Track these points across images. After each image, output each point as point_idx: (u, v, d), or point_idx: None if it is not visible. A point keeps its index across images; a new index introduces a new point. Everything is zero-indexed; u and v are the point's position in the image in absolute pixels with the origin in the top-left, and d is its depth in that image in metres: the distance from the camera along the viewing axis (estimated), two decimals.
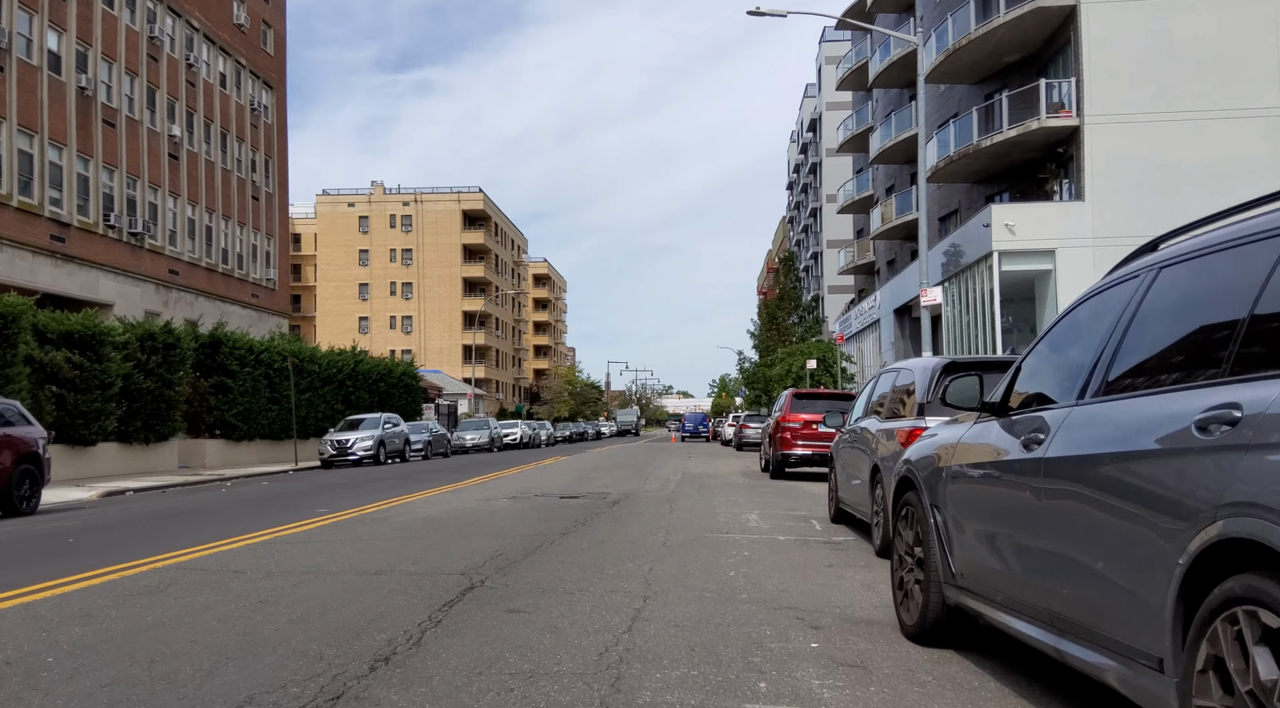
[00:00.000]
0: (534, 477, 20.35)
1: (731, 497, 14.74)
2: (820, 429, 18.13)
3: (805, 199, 78.05)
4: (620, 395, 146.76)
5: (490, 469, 24.39)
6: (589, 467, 24.74)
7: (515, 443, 53.45)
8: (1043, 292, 28.90)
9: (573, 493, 15.32)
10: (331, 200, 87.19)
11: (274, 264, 49.64)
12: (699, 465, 25.30)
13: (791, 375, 38.32)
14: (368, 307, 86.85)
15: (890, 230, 43.33)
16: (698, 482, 18.36)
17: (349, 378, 40.96)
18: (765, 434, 21.43)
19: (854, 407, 10.89)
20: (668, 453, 36.31)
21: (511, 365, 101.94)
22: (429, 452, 36.17)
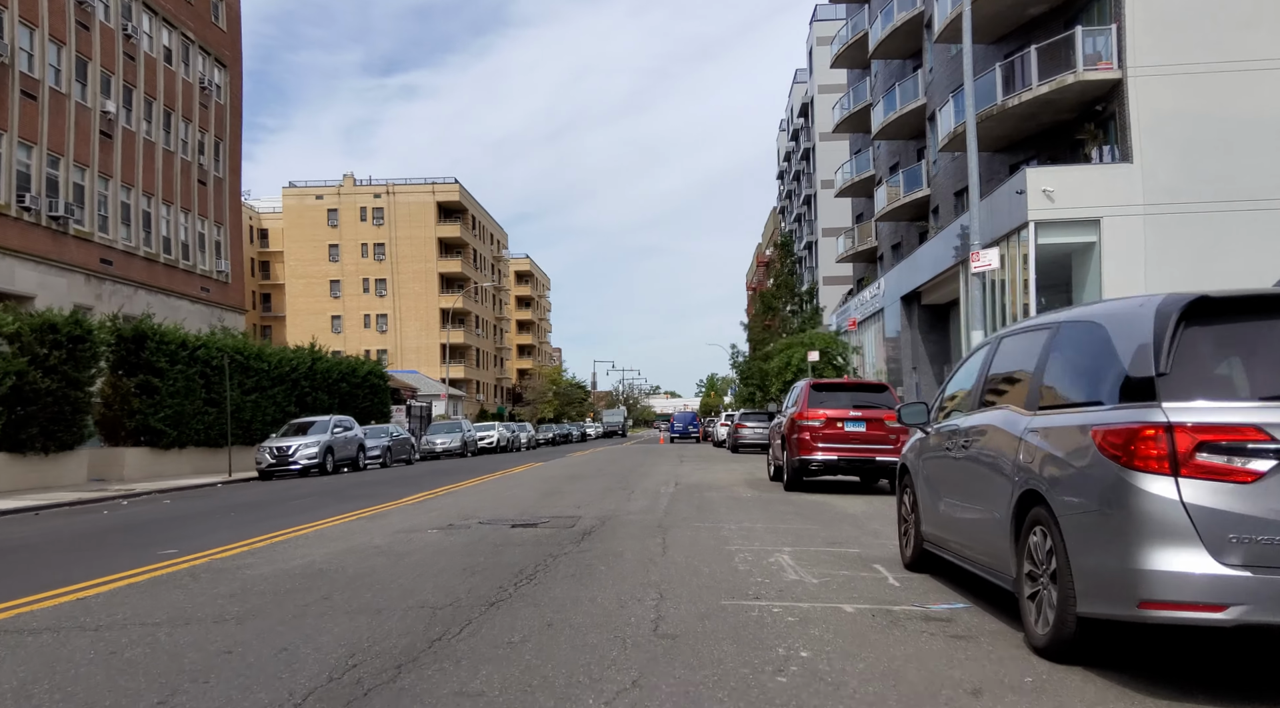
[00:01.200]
0: (493, 491, 16.59)
1: (744, 521, 11.02)
2: (848, 429, 14.48)
3: (797, 187, 74.47)
4: (607, 396, 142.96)
5: (447, 480, 20.61)
6: (564, 475, 21.01)
7: (492, 447, 49.64)
8: (1082, 270, 25.32)
9: (531, 518, 11.56)
10: (299, 193, 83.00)
11: (226, 255, 45.63)
12: (694, 472, 21.62)
13: (791, 369, 34.72)
14: (340, 304, 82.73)
15: (896, 210, 39.75)
16: (696, 496, 14.66)
17: (305, 378, 37.04)
18: (776, 435, 17.73)
19: (941, 393, 7.19)
20: (656, 456, 32.62)
21: (493, 365, 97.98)
22: (388, 459, 32.35)
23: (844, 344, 35.84)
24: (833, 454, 14.89)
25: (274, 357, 34.55)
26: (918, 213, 39.08)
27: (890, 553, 8.26)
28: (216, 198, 45.07)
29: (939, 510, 6.58)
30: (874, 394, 15.53)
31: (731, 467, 24.41)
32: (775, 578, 7.02)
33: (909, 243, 40.95)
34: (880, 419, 14.91)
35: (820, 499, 14.05)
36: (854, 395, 15.47)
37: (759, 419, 36.31)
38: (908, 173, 39.00)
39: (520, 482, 19.05)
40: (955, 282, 32.36)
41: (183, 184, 41.90)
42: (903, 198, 38.55)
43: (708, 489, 16.15)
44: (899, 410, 7.19)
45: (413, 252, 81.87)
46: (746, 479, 19.09)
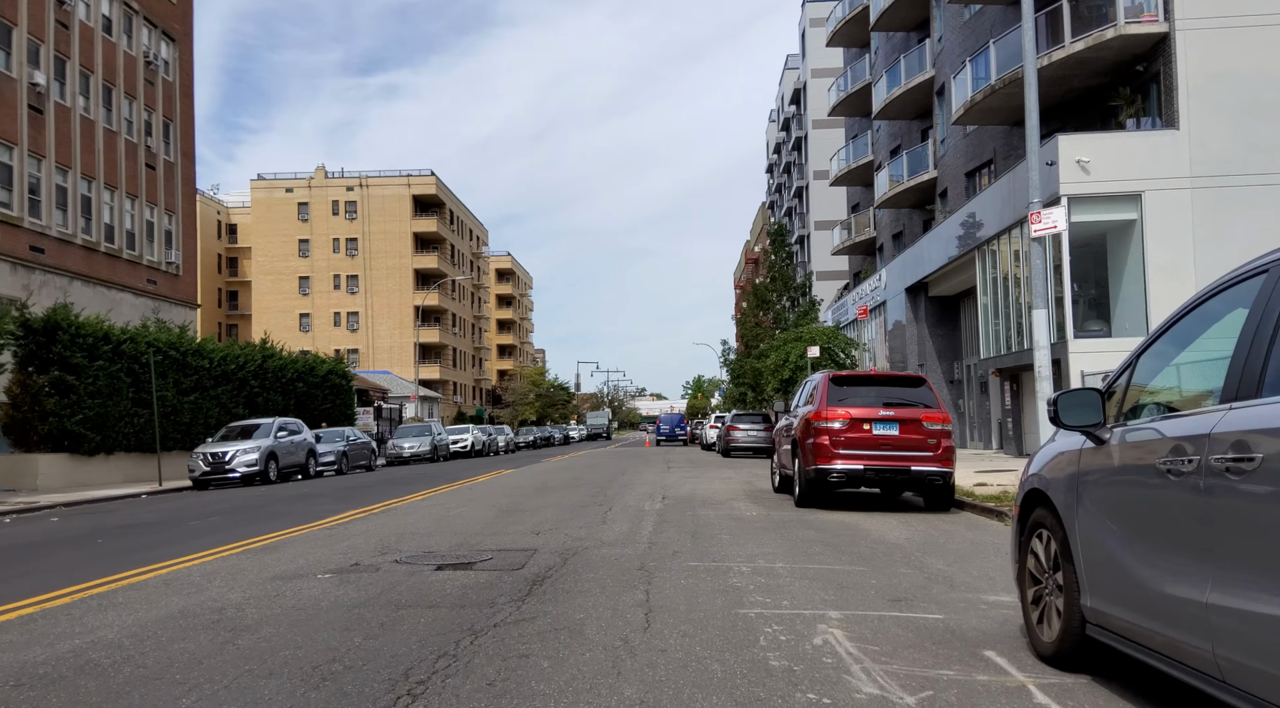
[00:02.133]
0: (442, 508, 13.57)
1: (758, 557, 8.05)
2: (877, 432, 11.59)
3: (788, 180, 71.69)
4: (591, 398, 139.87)
5: (399, 491, 17.58)
6: (534, 486, 18.02)
7: (465, 451, 46.52)
8: (1119, 252, 22.53)
9: (470, 553, 8.56)
10: (268, 186, 79.49)
11: (178, 245, 42.35)
12: (684, 482, 18.65)
13: (789, 366, 31.84)
14: (309, 302, 79.26)
15: (898, 196, 36.94)
16: (688, 515, 11.69)
17: (254, 377, 33.87)
18: (783, 439, 14.78)
19: (1123, 376, 4.21)
20: (641, 462, 29.64)
21: (471, 366, 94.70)
22: (344, 465, 29.22)
23: (846, 339, 32.97)
24: (858, 463, 11.95)
25: (216, 353, 31.38)
26: (922, 198, 36.29)
27: (997, 624, 5.32)
28: (167, 183, 41.81)
29: (1139, 578, 3.63)
30: (908, 389, 12.60)
31: (726, 474, 21.46)
32: (837, 688, 4.06)
33: (912, 231, 38.16)
34: (917, 420, 12.00)
35: (844, 519, 11.11)
36: (884, 390, 12.53)
37: (753, 421, 33.41)
38: (911, 155, 36.19)
39: (479, 495, 16.03)
40: (968, 270, 29.56)
41: (128, 167, 38.66)
42: (906, 182, 35.73)
43: (702, 505, 13.19)
44: (1056, 403, 4.20)
45: (387, 247, 78.58)
46: (746, 491, 16.14)
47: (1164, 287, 21.24)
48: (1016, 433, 26.19)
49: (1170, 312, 4.11)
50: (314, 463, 26.98)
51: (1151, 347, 4.08)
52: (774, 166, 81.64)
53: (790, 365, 31.50)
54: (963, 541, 9.32)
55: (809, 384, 13.89)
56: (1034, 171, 12.90)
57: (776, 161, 79.20)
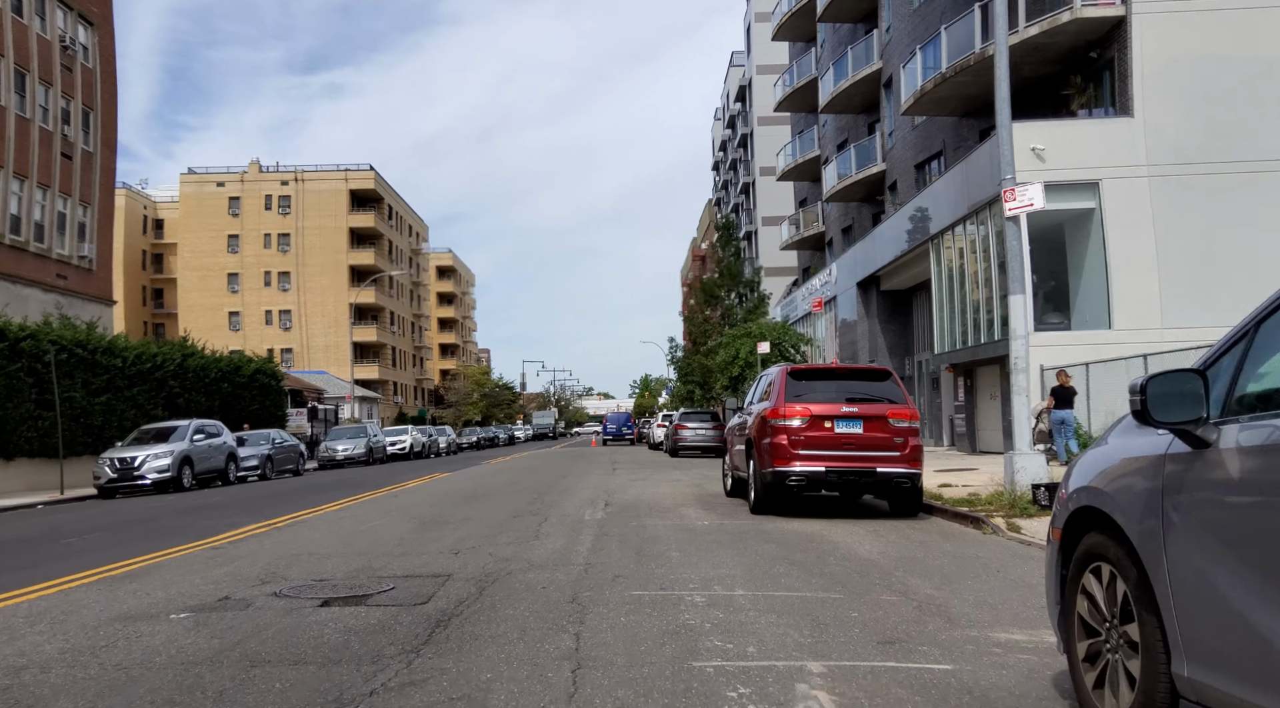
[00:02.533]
0: (353, 520, 12.12)
1: (713, 582, 6.81)
2: (840, 430, 10.51)
3: (734, 177, 70.89)
4: (538, 398, 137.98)
5: (316, 500, 16.06)
6: (466, 492, 16.61)
7: (404, 453, 44.73)
8: (1078, 241, 21.83)
9: (368, 581, 7.19)
10: (198, 179, 76.29)
11: (92, 238, 39.89)
12: (630, 485, 17.40)
13: (739, 363, 30.78)
14: (239, 299, 76.26)
15: (847, 189, 36.13)
16: (633, 526, 10.44)
17: (174, 376, 31.83)
18: (735, 438, 13.61)
19: (1225, 355, 3.03)
20: (586, 462, 28.33)
21: (412, 365, 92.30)
22: (269, 470, 27.39)
23: (797, 334, 32.01)
24: (819, 464, 10.81)
25: (131, 351, 29.32)
26: (871, 191, 35.53)
27: (1021, 677, 4.16)
28: (84, 174, 39.34)
29: (1273, 642, 2.47)
30: (873, 383, 11.51)
31: (674, 476, 20.25)
32: None
33: (861, 225, 37.41)
34: (883, 417, 10.90)
35: (807, 529, 9.96)
36: (846, 385, 11.42)
37: (701, 420, 32.30)
38: (859, 148, 35.41)
39: (402, 504, 14.58)
40: (921, 264, 28.80)
41: (41, 156, 36.18)
42: (854, 175, 34.93)
43: (649, 512, 11.95)
44: (1144, 389, 2.99)
45: (321, 242, 75.99)
46: (696, 495, 14.95)
47: (1126, 277, 20.60)
48: (969, 430, 25.45)
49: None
50: (235, 468, 25.17)
51: (1275, 315, 2.91)
52: (720, 164, 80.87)
53: (740, 362, 30.45)
54: (943, 555, 8.21)
55: (765, 379, 12.73)
56: (1006, 146, 11.94)
57: (723, 159, 78.43)
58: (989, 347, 23.06)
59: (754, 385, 13.59)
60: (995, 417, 23.11)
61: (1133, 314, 20.66)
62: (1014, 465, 10.73)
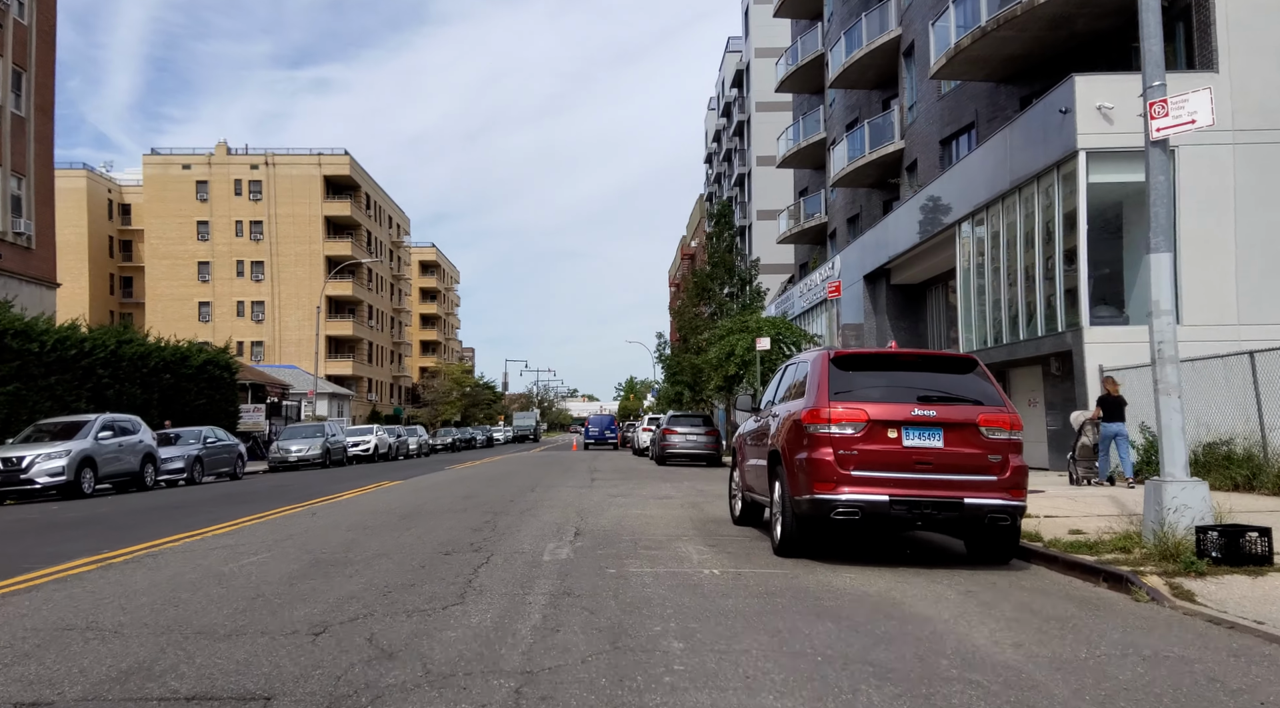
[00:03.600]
0: (212, 559, 8.76)
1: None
2: (911, 442, 7.34)
3: (728, 168, 67.66)
4: (521, 398, 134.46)
5: (202, 520, 12.70)
6: (401, 510, 13.27)
7: (367, 454, 41.23)
8: (1140, 221, 18.66)
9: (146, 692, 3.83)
10: (163, 161, 72.42)
11: (29, 214, 36.30)
12: (609, 502, 14.08)
13: (734, 361, 27.49)
14: (209, 289, 72.42)
15: (858, 172, 32.92)
16: (610, 575, 7.15)
17: (104, 365, 28.34)
18: (751, 449, 10.25)
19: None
20: (563, 470, 25.01)
21: (390, 362, 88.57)
22: (197, 473, 23.89)
23: (800, 330, 28.72)
24: (879, 491, 7.52)
25: (49, 336, 25.83)
26: (884, 174, 32.36)
27: None
28: (15, 141, 35.75)
29: None
30: (952, 377, 8.20)
31: (664, 490, 16.93)
32: None
33: (870, 214, 34.25)
34: (973, 424, 7.64)
35: (867, 587, 6.69)
36: (913, 379, 8.10)
37: (692, 424, 28.99)
38: (873, 126, 32.21)
39: (312, 526, 11.22)
40: (942, 252, 25.64)
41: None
42: (867, 155, 31.73)
43: (633, 549, 8.66)
44: None
45: (295, 231, 72.33)
46: (694, 518, 11.66)
47: (1199, 262, 17.45)
48: None
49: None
50: (153, 471, 21.70)
51: None
52: (713, 156, 77.65)
53: (736, 360, 27.16)
54: (1122, 653, 4.94)
55: (794, 369, 9.38)
56: (1152, 40, 8.72)
57: (716, 150, 75.21)
58: (1029, 344, 19.88)
59: (776, 379, 10.26)
60: (1037, 426, 19.91)
61: (1204, 307, 17.54)
62: (1165, 498, 7.47)
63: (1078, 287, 17.75)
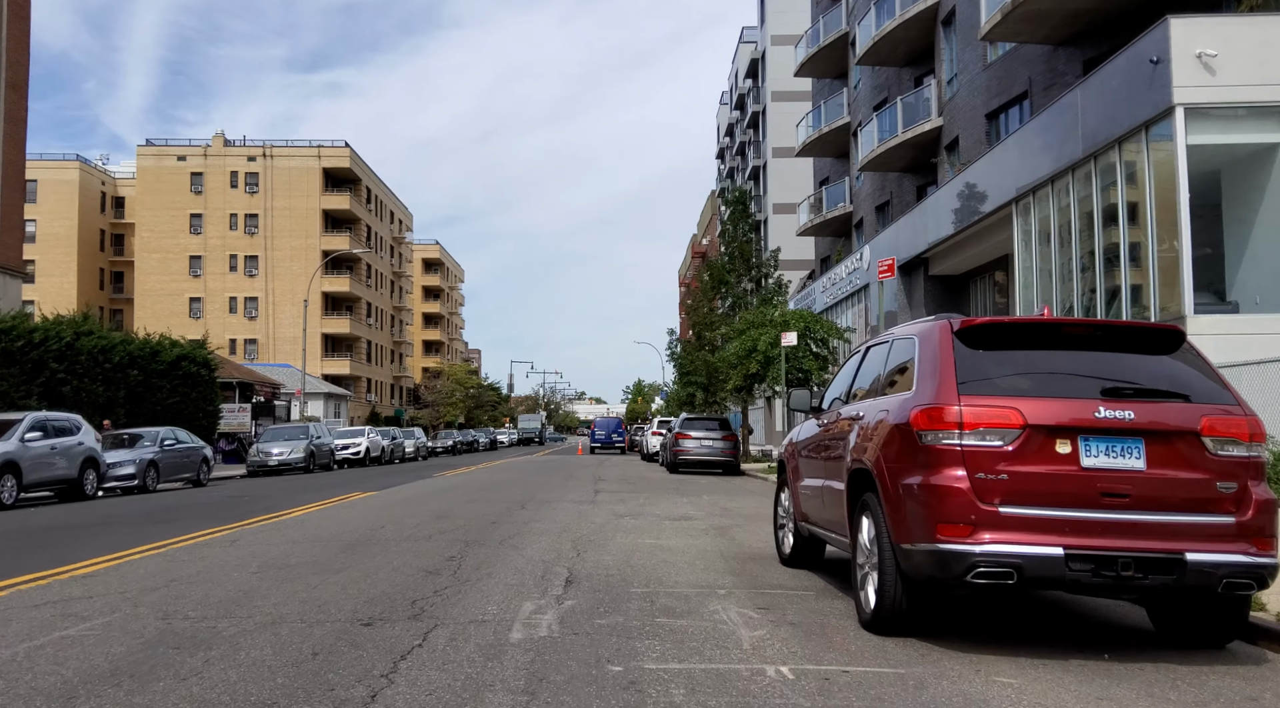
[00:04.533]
0: (48, 613, 6.01)
1: None
2: (1097, 463, 4.28)
3: (742, 162, 64.87)
4: (527, 400, 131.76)
5: (98, 547, 10.01)
6: (352, 535, 10.50)
7: (358, 458, 38.49)
8: (1242, 192, 15.80)
9: None
10: (157, 152, 69.88)
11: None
12: (615, 524, 11.28)
13: (757, 357, 24.61)
14: (201, 284, 69.83)
15: (889, 154, 30.08)
16: (617, 670, 4.40)
17: (58, 358, 25.67)
18: (825, 465, 7.21)
19: None
20: (564, 479, 22.24)
21: (390, 361, 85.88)
22: (150, 479, 21.11)
23: (831, 324, 25.83)
24: (1050, 540, 4.70)
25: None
26: (919, 155, 29.53)
27: None
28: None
29: None
30: (1147, 357, 5.32)
31: (681, 508, 14.10)
32: None
33: (902, 200, 31.41)
34: (1191, 432, 4.82)
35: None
36: (1091, 359, 5.24)
37: (708, 428, 26.16)
38: (906, 104, 29.38)
39: (212, 565, 8.44)
40: (991, 237, 22.84)
41: None
42: (901, 135, 28.89)
43: (647, 625, 5.86)
44: None
45: (292, 225, 69.73)
46: (727, 554, 8.86)
47: None
48: None
49: None
50: (94, 477, 18.96)
51: None
52: (726, 151, 74.88)
53: (758, 357, 24.32)
54: None
55: (891, 349, 6.36)
56: None
57: (728, 145, 72.44)
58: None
59: (850, 367, 7.35)
60: None
61: None
62: None
63: (1177, 268, 14.87)
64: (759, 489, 19.36)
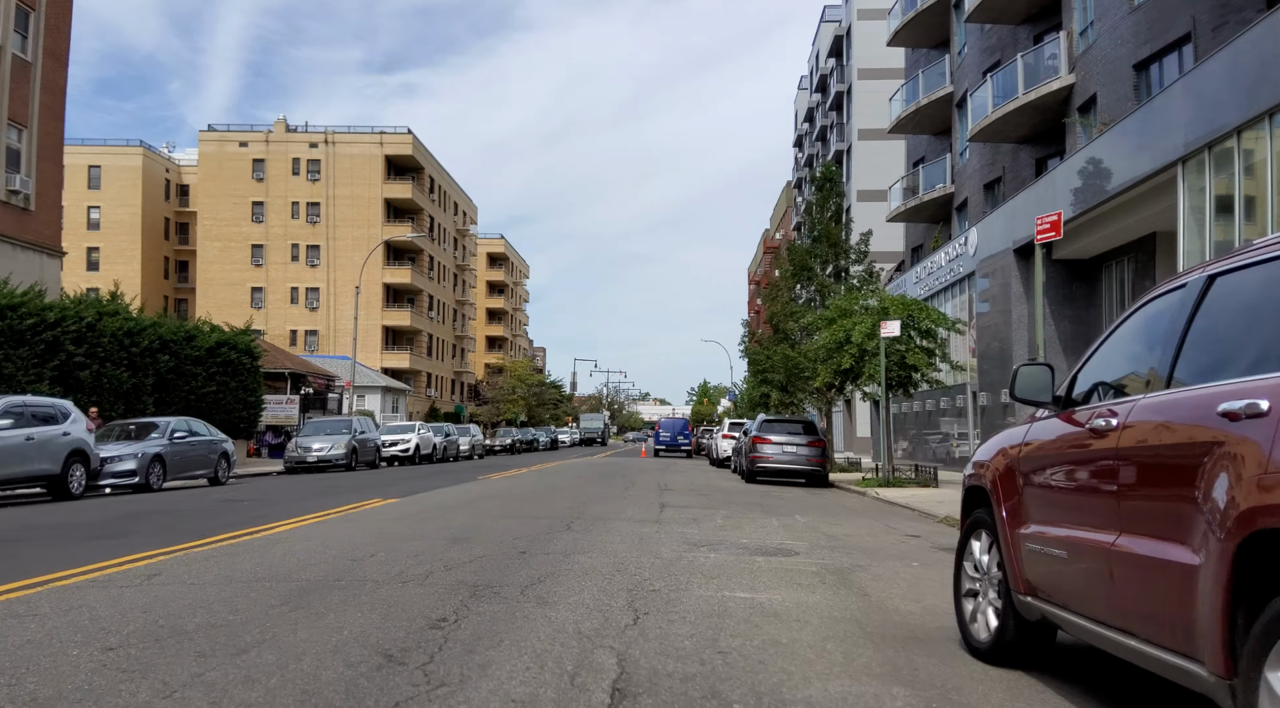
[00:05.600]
0: None
1: None
2: None
3: (822, 148, 61.06)
4: (590, 400, 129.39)
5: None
6: (330, 570, 7.51)
7: (407, 455, 36.00)
8: None
9: None
10: (219, 138, 68.85)
11: (30, 170, 31.92)
12: (689, 565, 8.07)
13: (851, 349, 20.97)
14: (263, 274, 68.57)
15: (1003, 122, 26.26)
16: None
17: (77, 340, 23.46)
18: (1087, 497, 3.96)
19: None
20: (624, 488, 19.12)
21: (451, 356, 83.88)
22: (155, 477, 18.55)
23: (938, 313, 22.09)
24: None
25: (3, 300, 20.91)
26: (1040, 122, 25.71)
27: None
28: (16, 87, 31.33)
29: None
30: None
31: (772, 532, 10.81)
32: None
33: (1017, 175, 27.59)
34: None
35: None
36: None
37: (791, 432, 22.73)
38: (1027, 63, 25.55)
39: (67, 629, 5.47)
40: (1135, 213, 19.08)
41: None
42: (1020, 96, 25.09)
43: None
44: None
45: (354, 215, 68.03)
46: (867, 627, 5.56)
47: None
48: None
49: None
50: (82, 473, 16.42)
51: None
52: (804, 137, 71.06)
53: (853, 349, 20.80)
54: None
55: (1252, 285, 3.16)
56: None
57: (807, 131, 68.63)
58: None
59: (1141, 323, 4.05)
60: None
61: None
62: None
63: None
64: (861, 507, 15.95)
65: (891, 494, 17.95)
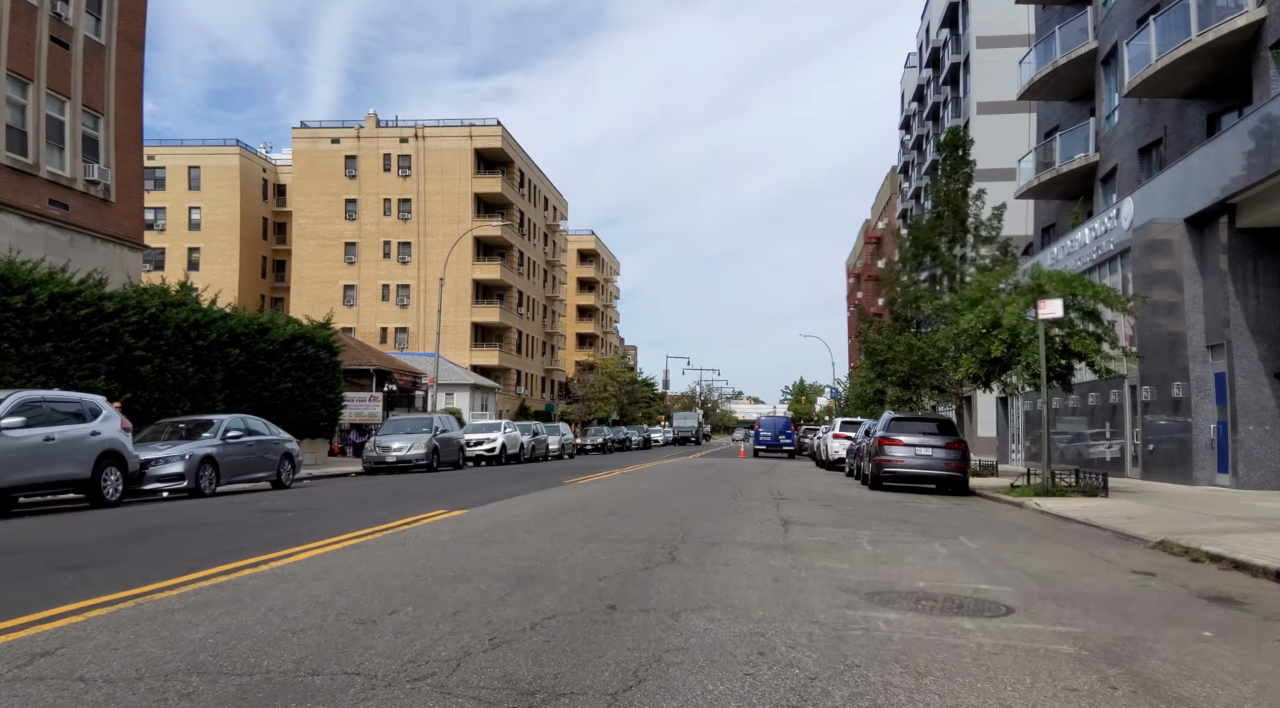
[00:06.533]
0: None
1: None
2: None
3: (934, 127, 56.89)
4: (683, 398, 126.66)
5: None
6: (378, 604, 4.99)
7: (492, 455, 33.93)
8: None
9: None
10: (311, 135, 68.52)
11: (108, 160, 30.86)
12: (850, 614, 5.25)
13: (999, 336, 17.58)
14: (354, 272, 67.96)
15: (1168, 72, 22.42)
16: None
17: (137, 333, 21.87)
18: None
19: None
20: (730, 493, 16.30)
21: (541, 354, 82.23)
22: (207, 481, 16.58)
23: (1107, 290, 18.51)
24: None
25: (42, 289, 19.30)
26: (1215, 70, 21.84)
27: None
28: (90, 72, 30.23)
29: None
30: None
31: (953, 568, 7.83)
32: None
33: (1183, 135, 23.70)
34: None
35: None
36: None
37: (925, 432, 19.51)
38: (1199, 2, 21.70)
39: None
40: None
41: (13, 35, 27.27)
42: (1194, 39, 21.27)
43: None
44: None
45: (444, 210, 66.81)
46: None
47: None
48: None
49: None
50: (118, 477, 14.47)
51: None
52: (911, 118, 66.78)
53: (1002, 335, 17.47)
54: None
55: None
56: None
57: (916, 110, 64.37)
58: None
59: None
60: None
61: None
62: None
63: None
64: (1033, 525, 12.74)
65: (1057, 506, 14.70)
